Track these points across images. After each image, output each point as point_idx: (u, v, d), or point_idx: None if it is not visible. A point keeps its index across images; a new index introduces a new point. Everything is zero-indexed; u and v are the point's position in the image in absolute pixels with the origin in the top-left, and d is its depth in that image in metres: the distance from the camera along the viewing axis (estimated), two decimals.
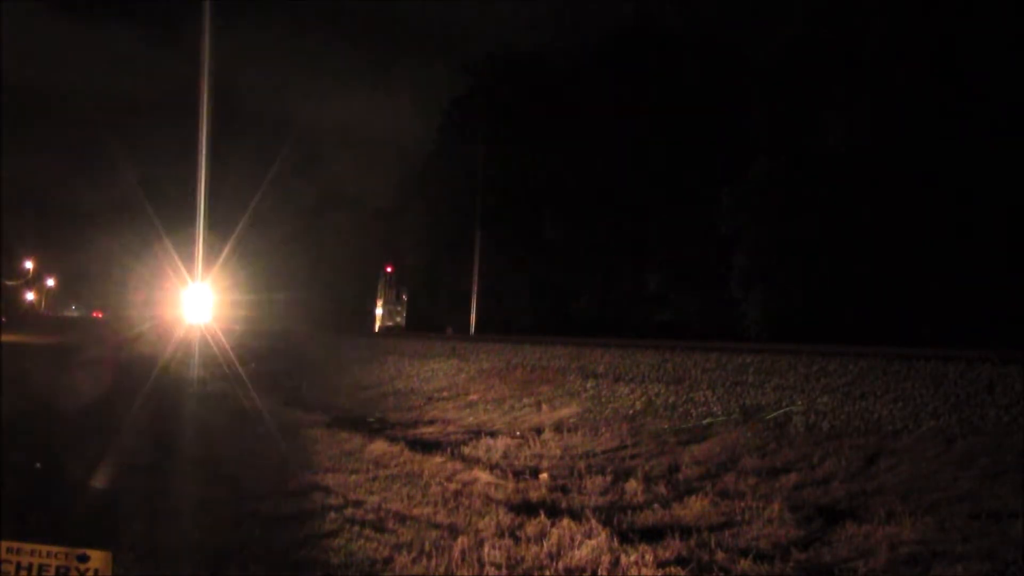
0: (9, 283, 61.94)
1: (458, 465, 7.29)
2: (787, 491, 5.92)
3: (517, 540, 4.90)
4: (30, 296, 69.66)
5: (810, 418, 7.64)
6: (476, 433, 9.32)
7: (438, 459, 7.55)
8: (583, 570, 4.41)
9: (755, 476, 6.37)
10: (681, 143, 30.38)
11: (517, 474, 6.93)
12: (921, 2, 20.84)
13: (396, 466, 7.29)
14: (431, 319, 39.67)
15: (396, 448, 8.05)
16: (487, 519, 5.40)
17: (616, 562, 4.45)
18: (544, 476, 6.88)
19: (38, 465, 6.62)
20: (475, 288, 33.50)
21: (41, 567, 2.94)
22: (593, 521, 5.14)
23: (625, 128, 32.83)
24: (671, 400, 9.39)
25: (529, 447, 8.24)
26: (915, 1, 21.02)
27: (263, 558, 4.59)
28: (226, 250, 21.55)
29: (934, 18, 20.09)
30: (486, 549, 4.69)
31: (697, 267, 29.39)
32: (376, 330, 39.75)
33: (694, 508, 5.61)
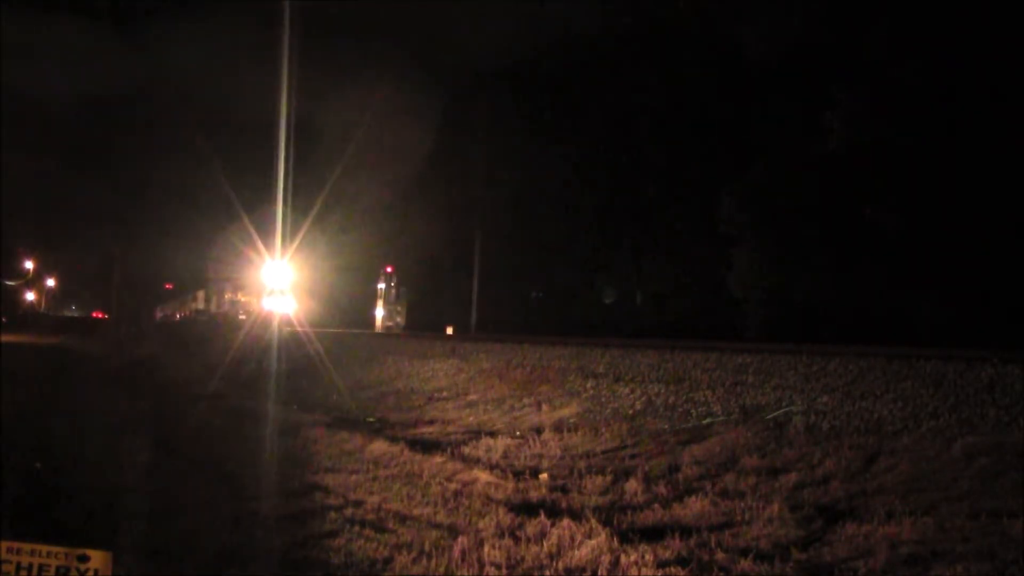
0: (9, 283, 61.95)
1: (458, 465, 7.29)
2: (787, 491, 5.92)
3: (517, 540, 4.90)
4: (30, 296, 69.65)
5: (810, 418, 7.64)
6: (476, 433, 9.31)
7: (438, 459, 7.55)
8: (583, 570, 4.41)
9: (755, 476, 6.37)
10: (681, 143, 30.40)
11: (517, 474, 6.93)
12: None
13: (396, 466, 7.28)
14: (431, 319, 39.66)
15: (396, 448, 8.04)
16: (487, 519, 5.40)
17: (616, 562, 4.45)
18: (544, 476, 6.88)
19: (38, 465, 6.63)
20: (475, 288, 33.50)
21: (41, 567, 2.94)
22: (593, 521, 5.14)
23: (626, 127, 32.86)
24: (671, 400, 9.38)
25: (529, 447, 8.23)
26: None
27: (263, 558, 4.59)
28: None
29: (937, 16, 20.06)
30: (486, 549, 4.69)
31: (697, 267, 29.39)
32: (376, 330, 39.74)
33: (694, 508, 5.61)
